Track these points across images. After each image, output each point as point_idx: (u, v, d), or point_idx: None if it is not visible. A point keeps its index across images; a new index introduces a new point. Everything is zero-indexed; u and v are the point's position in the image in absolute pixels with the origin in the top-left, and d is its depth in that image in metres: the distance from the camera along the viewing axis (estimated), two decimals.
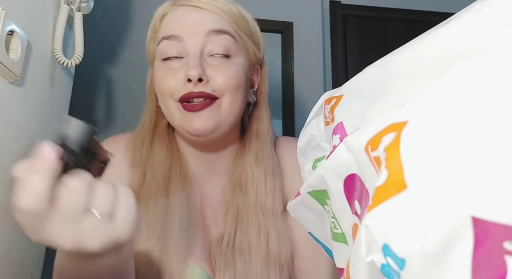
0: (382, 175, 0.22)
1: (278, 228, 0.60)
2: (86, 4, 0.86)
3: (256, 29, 0.67)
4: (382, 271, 0.21)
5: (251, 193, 0.61)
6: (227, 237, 0.59)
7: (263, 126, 0.67)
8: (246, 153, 0.64)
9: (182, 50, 0.58)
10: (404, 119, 0.23)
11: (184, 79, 0.56)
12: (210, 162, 0.65)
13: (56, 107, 0.84)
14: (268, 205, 0.61)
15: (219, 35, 0.59)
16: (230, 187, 0.64)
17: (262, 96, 0.69)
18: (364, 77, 0.37)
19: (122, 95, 1.42)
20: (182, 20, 0.60)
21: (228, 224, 0.60)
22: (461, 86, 0.24)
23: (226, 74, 0.58)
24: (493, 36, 0.26)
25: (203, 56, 0.58)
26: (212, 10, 0.60)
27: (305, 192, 0.36)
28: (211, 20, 0.59)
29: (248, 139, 0.66)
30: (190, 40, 0.58)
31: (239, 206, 0.61)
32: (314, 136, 0.44)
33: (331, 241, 0.35)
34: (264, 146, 0.65)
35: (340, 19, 1.77)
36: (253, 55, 0.65)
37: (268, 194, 0.61)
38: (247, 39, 0.63)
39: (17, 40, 0.64)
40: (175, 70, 0.58)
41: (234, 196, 0.62)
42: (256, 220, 0.60)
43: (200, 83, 0.56)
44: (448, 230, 0.19)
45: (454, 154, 0.20)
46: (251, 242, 0.58)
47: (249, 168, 0.63)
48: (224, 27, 0.60)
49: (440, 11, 1.73)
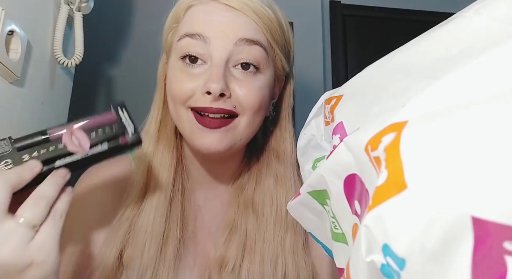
0: (382, 175, 0.22)
1: (298, 265, 0.54)
2: (86, 4, 0.86)
3: (290, 39, 0.59)
4: (382, 271, 0.21)
5: (269, 220, 0.55)
6: (232, 263, 0.53)
7: (286, 147, 0.59)
8: (264, 174, 0.58)
9: (206, 54, 0.51)
10: (404, 119, 0.23)
11: (203, 89, 0.49)
12: (213, 171, 0.60)
13: (56, 107, 0.84)
14: (288, 238, 0.54)
15: (250, 46, 0.51)
16: (237, 205, 0.57)
17: (284, 112, 0.61)
18: (364, 77, 0.37)
19: (122, 95, 1.42)
20: (210, 18, 0.52)
21: (232, 248, 0.54)
22: (461, 86, 0.24)
23: (251, 91, 0.51)
24: (493, 36, 0.26)
25: (228, 66, 0.51)
26: (246, 13, 0.52)
27: (305, 192, 0.36)
28: (243, 25, 0.51)
29: (267, 158, 0.60)
30: (217, 44, 0.50)
31: (248, 230, 0.55)
32: (314, 136, 0.44)
33: (331, 241, 0.35)
34: (286, 168, 0.58)
35: (340, 19, 1.77)
36: (281, 68, 0.58)
37: (289, 225, 0.55)
38: (278, 51, 0.56)
39: (17, 40, 0.64)
40: (194, 76, 0.51)
41: (243, 217, 0.56)
42: (273, 253, 0.54)
43: (221, 98, 0.50)
44: (448, 230, 0.19)
45: (454, 153, 0.20)
46: (264, 276, 0.52)
47: (268, 191, 0.57)
48: (256, 37, 0.52)
49: (440, 11, 1.73)
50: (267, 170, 0.59)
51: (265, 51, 0.53)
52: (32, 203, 0.36)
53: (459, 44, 0.28)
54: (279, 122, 0.61)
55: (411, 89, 0.27)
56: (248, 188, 0.58)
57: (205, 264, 0.56)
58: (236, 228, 0.56)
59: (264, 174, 0.59)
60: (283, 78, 0.61)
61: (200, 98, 0.50)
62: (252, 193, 0.57)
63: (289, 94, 0.62)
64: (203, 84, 0.50)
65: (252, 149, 0.61)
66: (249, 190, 0.58)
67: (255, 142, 0.61)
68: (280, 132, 0.60)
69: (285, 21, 0.58)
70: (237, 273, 0.53)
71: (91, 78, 1.38)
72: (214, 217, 0.60)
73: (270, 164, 0.59)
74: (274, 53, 0.56)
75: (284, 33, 0.57)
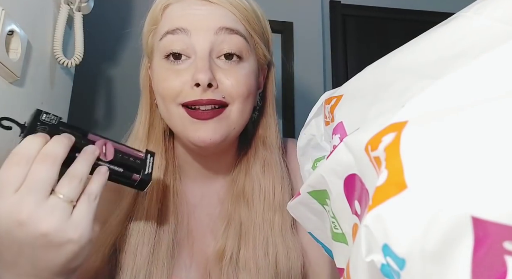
0: (382, 175, 0.22)
1: (288, 245, 0.55)
2: (86, 4, 0.86)
3: (267, 27, 0.60)
4: (382, 271, 0.21)
5: (258, 206, 0.56)
6: (229, 253, 0.54)
7: (271, 133, 0.61)
8: (252, 162, 0.59)
9: (189, 47, 0.52)
10: (404, 119, 0.23)
11: (191, 83, 0.50)
12: (208, 167, 0.61)
13: (56, 107, 0.84)
14: (277, 220, 0.56)
15: (230, 35, 0.52)
16: (231, 198, 0.58)
17: (269, 100, 0.63)
18: (364, 77, 0.37)
19: (122, 95, 1.42)
20: (188, 12, 0.53)
21: (229, 239, 0.55)
22: (461, 86, 0.24)
23: (237, 80, 0.52)
24: (493, 36, 0.26)
25: (212, 57, 0.52)
26: (222, 4, 0.53)
27: (305, 192, 0.36)
28: (221, 16, 0.53)
29: (254, 147, 0.61)
30: (198, 36, 0.51)
31: (242, 219, 0.56)
32: (314, 136, 0.44)
33: (331, 241, 0.35)
34: (272, 154, 0.59)
35: (340, 19, 1.77)
36: (262, 56, 0.59)
37: (277, 208, 0.56)
38: (258, 39, 0.57)
39: (17, 40, 0.64)
40: (180, 71, 0.52)
41: (236, 208, 0.57)
42: (263, 236, 0.55)
43: (209, 89, 0.50)
44: (448, 230, 0.19)
45: (454, 153, 0.20)
46: (258, 260, 0.54)
47: (256, 178, 0.58)
48: (235, 26, 0.53)
49: (440, 11, 1.73)
50: (255, 157, 0.60)
51: (245, 40, 0.54)
52: (68, 180, 0.37)
53: (459, 44, 0.28)
54: (264, 110, 0.62)
55: (411, 89, 0.27)
56: (239, 178, 0.59)
57: (203, 260, 0.57)
58: (232, 219, 0.57)
59: (252, 161, 0.60)
60: (265, 67, 0.62)
61: (190, 93, 0.51)
62: (243, 182, 0.58)
63: (272, 82, 0.64)
64: (190, 78, 0.50)
65: (244, 141, 0.62)
66: (240, 180, 0.59)
67: (245, 134, 0.62)
68: (266, 120, 0.62)
69: (260, 11, 0.59)
70: (235, 261, 0.54)
71: (91, 78, 1.38)
72: (212, 212, 0.60)
73: (257, 151, 0.60)
74: (254, 41, 0.57)
75: (261, 22, 0.59)
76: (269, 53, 0.61)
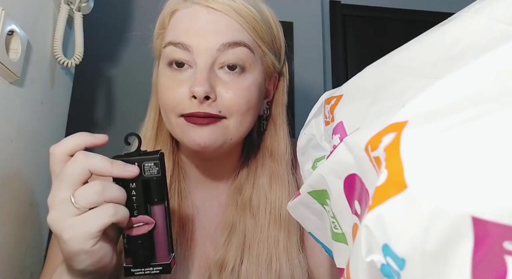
0: (382, 175, 0.22)
1: (292, 263, 0.54)
2: (86, 4, 0.86)
3: (279, 35, 0.59)
4: (382, 271, 0.21)
5: (264, 220, 0.55)
6: (231, 264, 0.53)
7: (279, 145, 0.59)
8: (259, 173, 0.58)
9: (190, 60, 0.52)
10: (404, 119, 0.23)
11: (189, 94, 0.50)
12: (209, 171, 0.61)
13: (56, 107, 0.85)
14: (282, 237, 0.55)
15: (234, 48, 0.52)
16: (235, 206, 0.57)
17: (278, 110, 0.61)
18: (364, 77, 0.37)
19: (122, 95, 1.42)
20: (193, 24, 0.52)
21: (231, 249, 0.54)
22: (461, 86, 0.24)
23: (237, 93, 0.51)
24: (493, 36, 0.26)
25: (213, 69, 0.52)
26: (228, 14, 0.52)
27: (305, 192, 0.36)
28: (225, 29, 0.52)
29: (261, 157, 0.60)
30: (199, 52, 0.51)
31: (247, 231, 0.55)
32: (314, 136, 0.44)
33: (331, 241, 0.35)
34: (279, 166, 0.58)
35: (340, 19, 1.77)
36: (271, 66, 0.58)
37: (283, 226, 0.55)
38: (266, 49, 0.56)
39: (17, 40, 0.64)
40: (181, 82, 0.52)
41: (241, 218, 0.56)
42: (268, 251, 0.54)
43: (207, 101, 0.50)
44: (448, 230, 0.19)
45: (454, 153, 0.20)
46: (260, 275, 0.53)
47: (262, 190, 0.57)
48: (240, 38, 0.52)
49: (440, 11, 1.73)
50: (262, 168, 0.59)
51: (250, 51, 0.53)
52: (87, 189, 0.38)
53: (459, 44, 0.28)
54: (272, 121, 0.61)
55: (411, 89, 0.27)
56: (246, 188, 0.58)
57: (205, 265, 0.56)
58: (235, 229, 0.56)
59: (259, 172, 0.59)
60: (275, 75, 0.61)
61: (187, 105, 0.51)
62: (250, 193, 0.57)
63: (283, 92, 0.62)
64: (189, 89, 0.50)
65: (249, 148, 0.61)
66: (247, 190, 0.58)
67: (251, 140, 0.61)
68: (274, 131, 0.60)
69: (273, 19, 0.58)
70: (236, 273, 0.53)
71: (91, 78, 1.38)
72: (213, 217, 0.59)
73: (264, 162, 0.59)
74: (262, 51, 0.56)
75: (272, 31, 0.57)
76: (280, 62, 0.60)
